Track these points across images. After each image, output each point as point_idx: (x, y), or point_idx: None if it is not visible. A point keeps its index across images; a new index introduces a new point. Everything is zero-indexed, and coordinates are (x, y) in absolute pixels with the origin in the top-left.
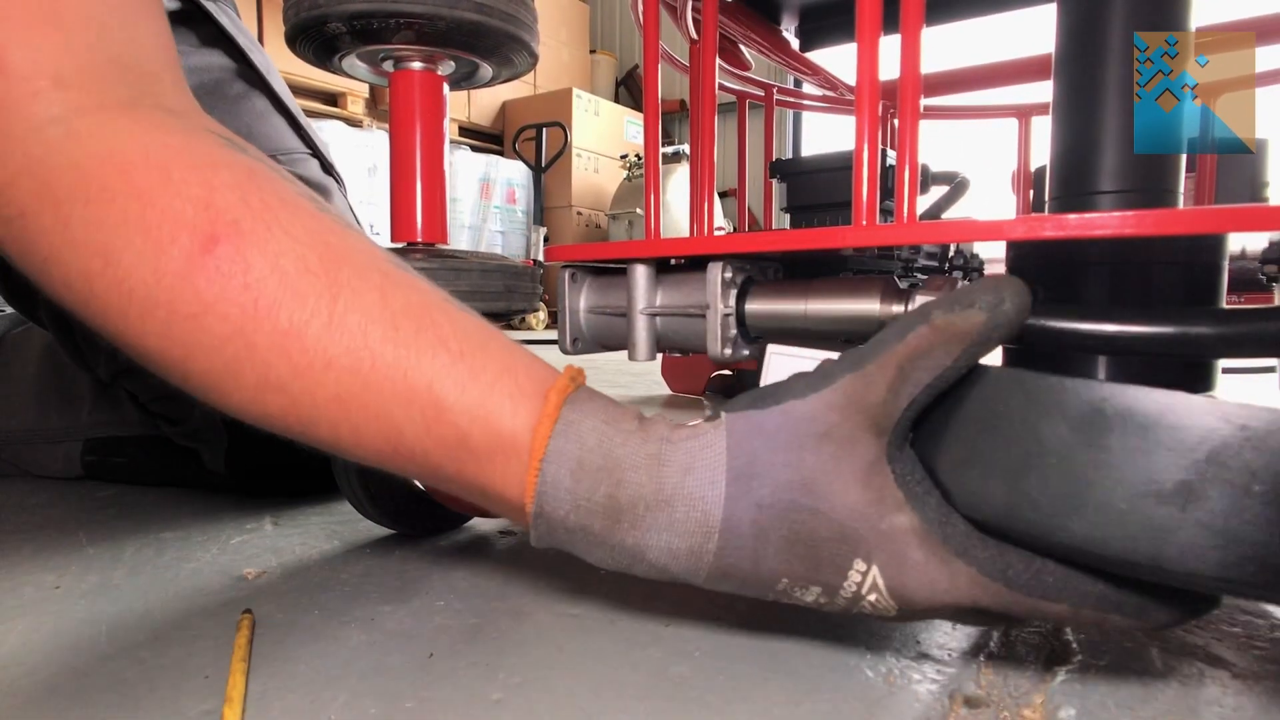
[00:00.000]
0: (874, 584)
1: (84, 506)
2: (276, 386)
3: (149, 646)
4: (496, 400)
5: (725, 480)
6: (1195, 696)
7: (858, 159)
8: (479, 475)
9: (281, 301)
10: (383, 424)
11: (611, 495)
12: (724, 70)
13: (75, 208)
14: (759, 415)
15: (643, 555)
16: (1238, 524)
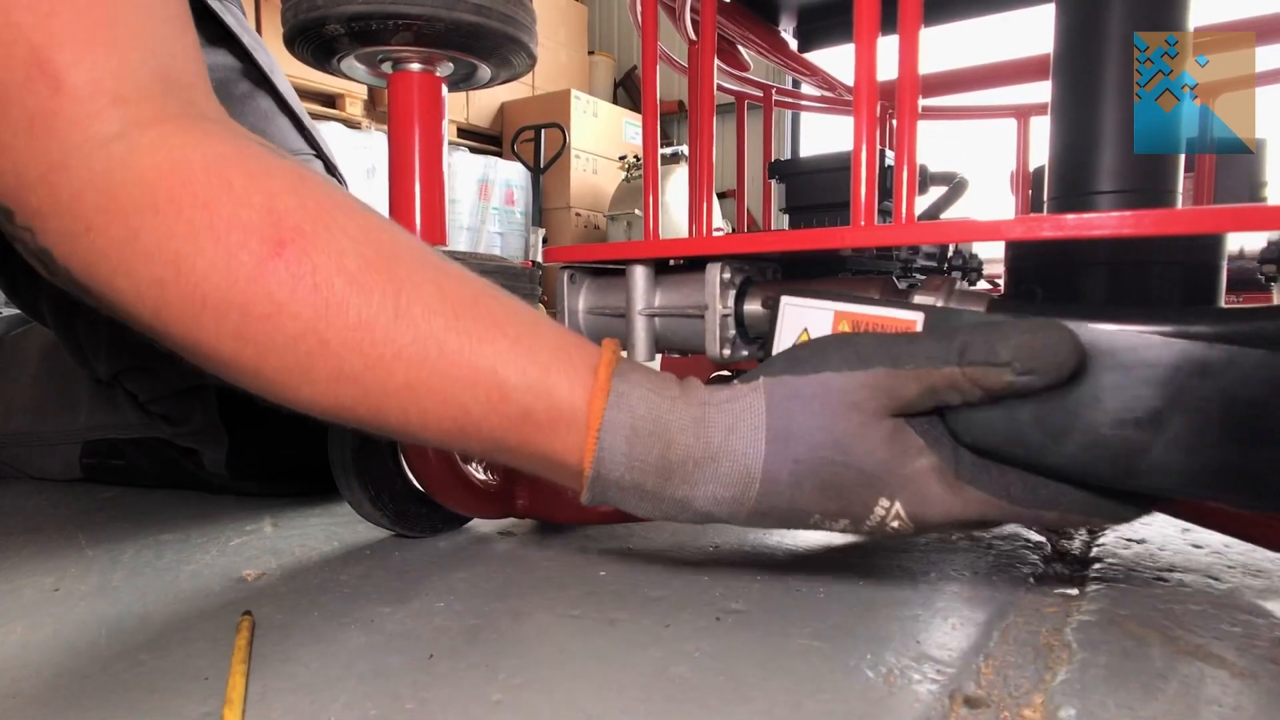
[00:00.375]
0: (897, 514)
1: (83, 508)
2: (350, 378)
3: (148, 648)
4: (554, 378)
5: (765, 439)
6: (1195, 696)
7: (856, 160)
8: (540, 446)
9: (349, 298)
10: (450, 406)
11: (663, 456)
12: (722, 71)
13: (145, 219)
14: (796, 381)
15: (690, 504)
16: (1198, 442)
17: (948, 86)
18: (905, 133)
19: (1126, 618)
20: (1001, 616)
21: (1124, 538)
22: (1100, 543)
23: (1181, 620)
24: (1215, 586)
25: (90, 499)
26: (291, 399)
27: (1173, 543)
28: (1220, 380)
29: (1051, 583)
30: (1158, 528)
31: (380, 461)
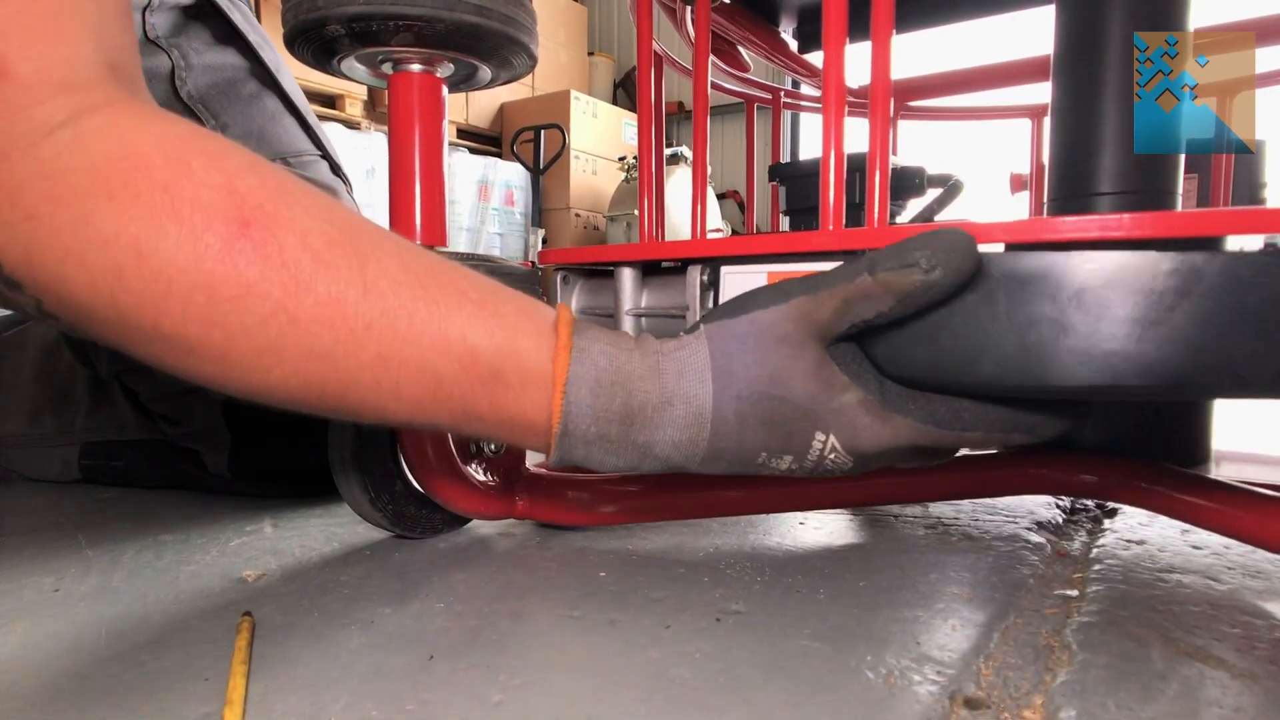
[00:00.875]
0: (833, 447)
1: (83, 509)
2: (321, 355)
3: (149, 649)
4: (520, 340)
5: (711, 379)
6: (1195, 697)
7: (825, 164)
8: (510, 408)
9: (318, 274)
10: (423, 375)
11: (625, 403)
12: (726, 73)
13: (97, 204)
14: (731, 323)
15: (650, 449)
16: (1096, 345)
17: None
18: (877, 136)
19: (1126, 619)
20: (1001, 617)
21: (1124, 539)
22: (1100, 544)
23: (1181, 621)
24: (1215, 588)
25: (90, 500)
26: (258, 383)
27: (1172, 544)
28: (1116, 286)
29: (1051, 584)
30: (1157, 529)
31: (380, 463)
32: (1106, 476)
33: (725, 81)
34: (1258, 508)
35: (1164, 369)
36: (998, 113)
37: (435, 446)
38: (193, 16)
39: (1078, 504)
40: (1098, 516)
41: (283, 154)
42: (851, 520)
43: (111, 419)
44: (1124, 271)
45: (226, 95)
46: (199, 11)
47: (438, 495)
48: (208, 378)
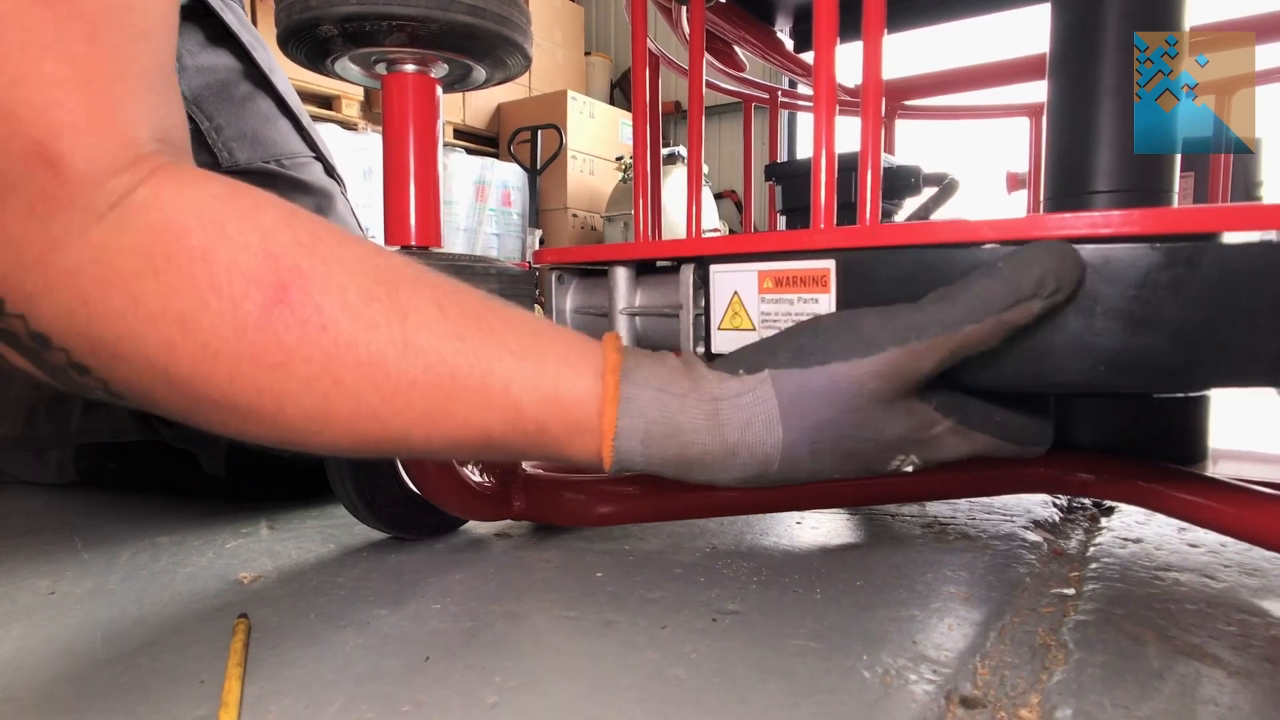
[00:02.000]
0: (910, 463)
1: (79, 511)
2: (368, 415)
3: (144, 651)
4: (564, 390)
5: (782, 427)
6: (1191, 695)
7: (815, 163)
8: (561, 453)
9: (358, 335)
10: (471, 429)
11: (680, 455)
12: (722, 72)
13: (145, 283)
14: (803, 375)
15: (714, 483)
16: (1089, 338)
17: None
18: (869, 135)
19: (1123, 617)
20: (998, 616)
21: (1120, 537)
22: (1097, 542)
23: (1178, 619)
24: (1211, 585)
25: (86, 502)
26: (316, 444)
27: (1169, 542)
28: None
29: (1048, 582)
30: (1154, 528)
31: (376, 465)
32: (1103, 475)
33: (721, 81)
34: (1254, 505)
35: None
36: (996, 111)
37: None
38: (185, 17)
39: (1075, 502)
40: (1095, 515)
41: (276, 156)
42: (848, 520)
43: (106, 422)
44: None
45: (219, 96)
46: (191, 12)
47: (434, 497)
48: (271, 440)
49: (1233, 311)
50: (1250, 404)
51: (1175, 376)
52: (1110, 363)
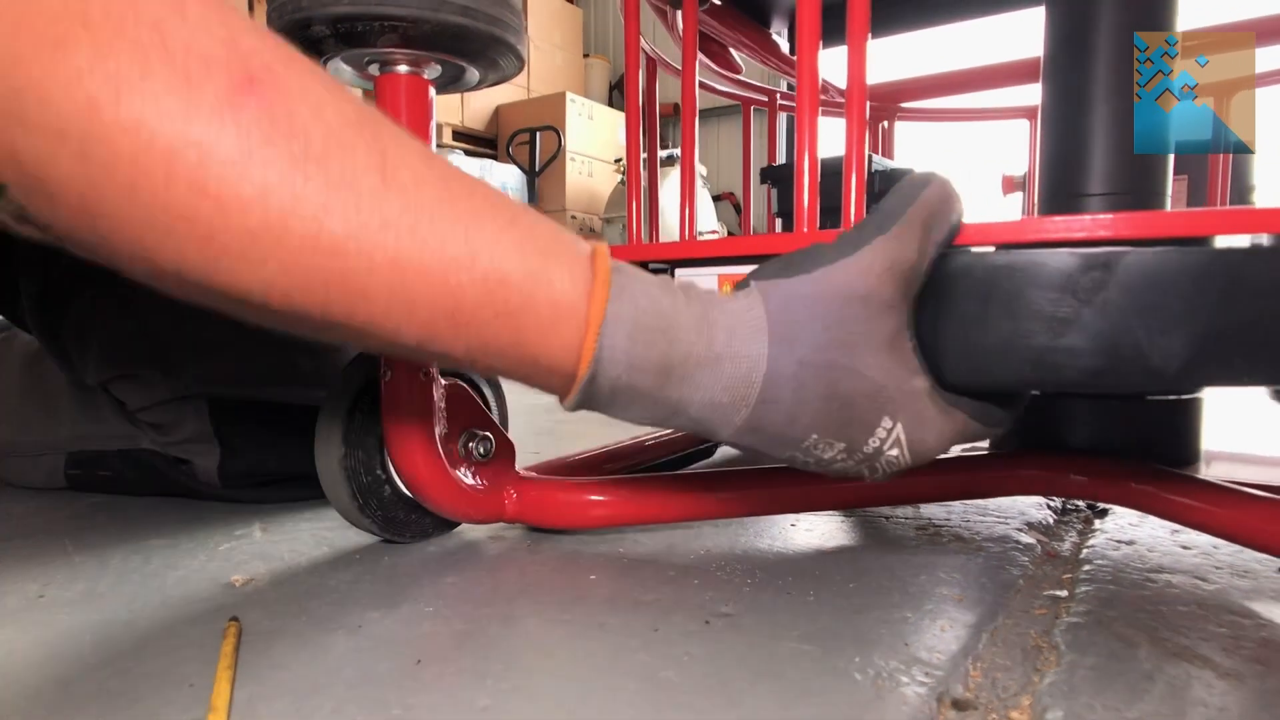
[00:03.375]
0: (897, 439)
1: (70, 514)
2: (327, 249)
3: (134, 655)
4: (553, 268)
5: (768, 340)
6: (1181, 697)
7: (799, 165)
8: (533, 344)
9: (331, 152)
10: (441, 292)
11: (665, 354)
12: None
13: (72, 28)
14: (791, 283)
15: (684, 408)
16: (1090, 339)
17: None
18: (853, 138)
19: (1114, 619)
20: (991, 618)
21: (1114, 539)
22: (1090, 544)
23: (1169, 621)
24: (1203, 587)
25: (78, 505)
26: (250, 281)
27: (1162, 544)
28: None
29: (1041, 584)
30: (1147, 530)
31: (368, 468)
32: (1097, 477)
33: (718, 83)
34: (1246, 507)
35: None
36: (994, 114)
37: (423, 450)
38: None
39: (1069, 505)
40: (1089, 517)
41: None
42: (843, 522)
43: (97, 428)
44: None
45: None
46: None
47: (426, 499)
48: (189, 271)
49: (1147, 315)
50: (1243, 407)
51: (1100, 378)
52: (1036, 363)
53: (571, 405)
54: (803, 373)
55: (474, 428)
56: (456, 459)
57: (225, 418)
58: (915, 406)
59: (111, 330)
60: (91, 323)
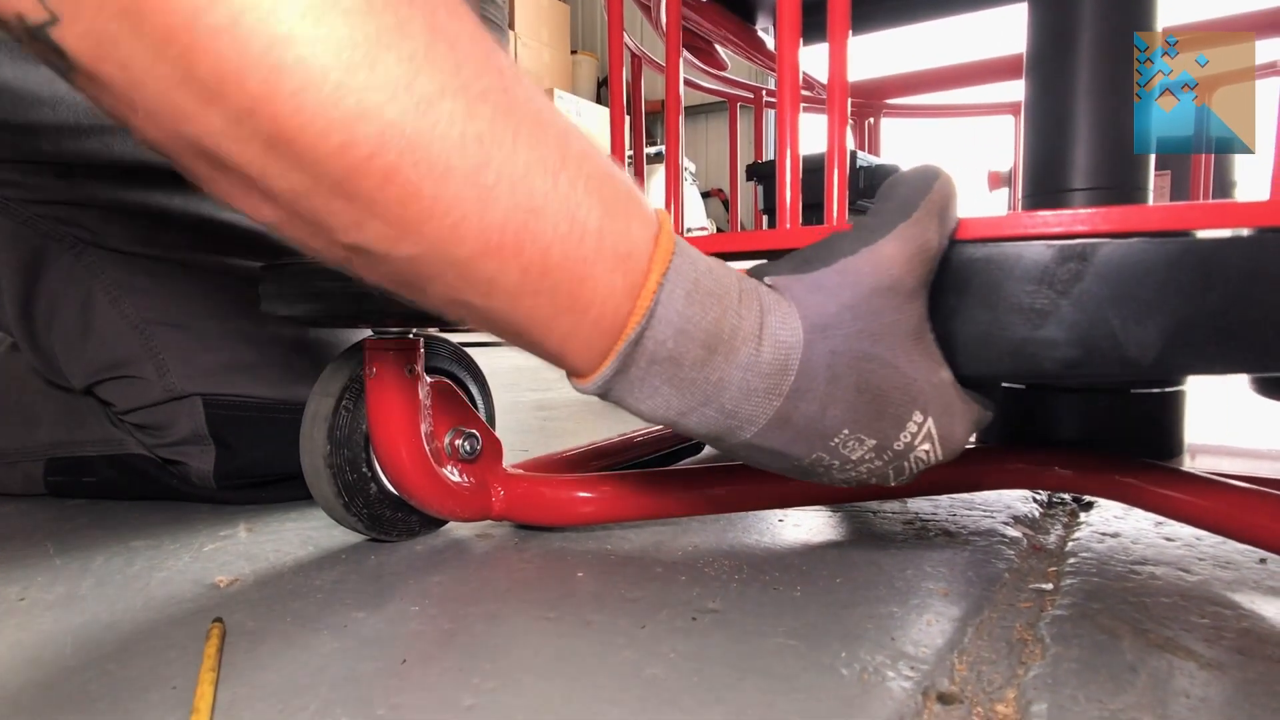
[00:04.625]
0: (929, 434)
1: (52, 516)
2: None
3: (115, 658)
4: (632, 204)
5: (803, 329)
6: (1164, 688)
7: (780, 162)
8: (597, 281)
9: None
10: (527, 190)
11: (717, 323)
12: (704, 71)
13: None
14: (813, 276)
15: (719, 393)
16: (1067, 330)
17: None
18: (835, 135)
19: (1099, 611)
20: (977, 612)
21: (1099, 532)
22: (1075, 537)
23: (1152, 613)
24: (1185, 579)
25: (60, 506)
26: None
27: (1146, 536)
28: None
29: (1027, 578)
30: (1132, 522)
31: (354, 465)
32: (1082, 470)
33: (703, 80)
34: (1228, 499)
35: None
36: (979, 110)
37: (410, 448)
38: None
39: (1054, 498)
40: (1074, 510)
41: None
42: (830, 517)
43: (79, 434)
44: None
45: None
46: None
47: (413, 497)
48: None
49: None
50: (1226, 400)
51: (1078, 368)
52: (1015, 354)
53: (601, 378)
54: (836, 363)
55: (460, 425)
56: (443, 457)
57: (220, 417)
58: (944, 399)
59: (101, 328)
60: (79, 322)
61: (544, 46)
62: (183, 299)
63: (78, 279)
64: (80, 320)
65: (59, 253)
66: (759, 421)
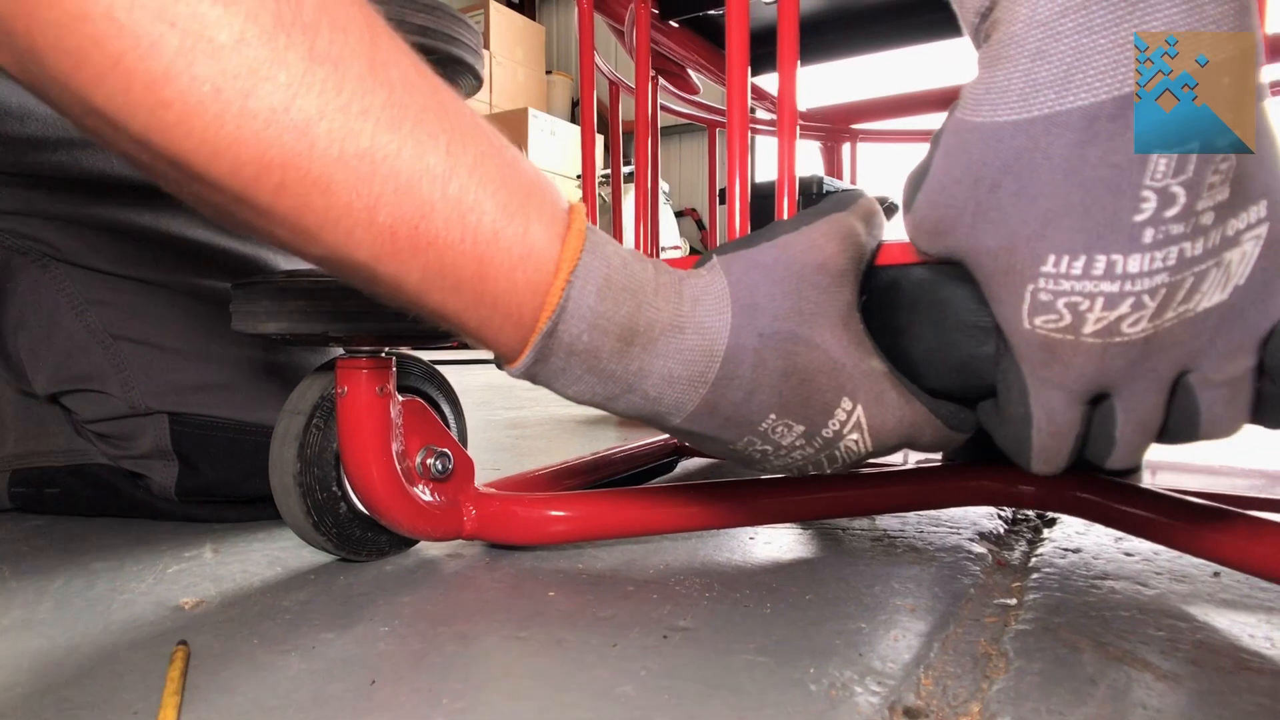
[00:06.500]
0: (857, 423)
1: (9, 537)
2: (295, 126)
3: (74, 683)
4: (532, 208)
5: (731, 310)
6: (1123, 700)
7: (730, 187)
8: (499, 278)
9: (321, 23)
10: (409, 201)
11: (631, 316)
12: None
13: None
14: (751, 252)
15: (640, 381)
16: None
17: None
18: (785, 157)
19: (1061, 626)
20: (942, 627)
21: (1061, 548)
22: (1039, 553)
23: (1111, 626)
24: (1143, 593)
25: (17, 527)
26: (198, 145)
27: (1106, 551)
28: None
29: (991, 593)
30: (1093, 537)
31: (324, 484)
32: (1044, 487)
33: (675, 104)
34: (1184, 515)
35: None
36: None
37: (380, 467)
38: None
39: (1019, 515)
40: (1038, 526)
41: None
42: (800, 534)
43: (43, 444)
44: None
45: None
46: None
47: (383, 517)
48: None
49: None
50: None
51: (918, 381)
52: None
53: (521, 368)
54: (762, 346)
55: (432, 444)
56: (414, 476)
57: (185, 434)
58: (875, 388)
59: (66, 340)
60: (45, 331)
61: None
62: (151, 316)
63: (44, 289)
64: (46, 330)
65: (25, 265)
66: (686, 408)
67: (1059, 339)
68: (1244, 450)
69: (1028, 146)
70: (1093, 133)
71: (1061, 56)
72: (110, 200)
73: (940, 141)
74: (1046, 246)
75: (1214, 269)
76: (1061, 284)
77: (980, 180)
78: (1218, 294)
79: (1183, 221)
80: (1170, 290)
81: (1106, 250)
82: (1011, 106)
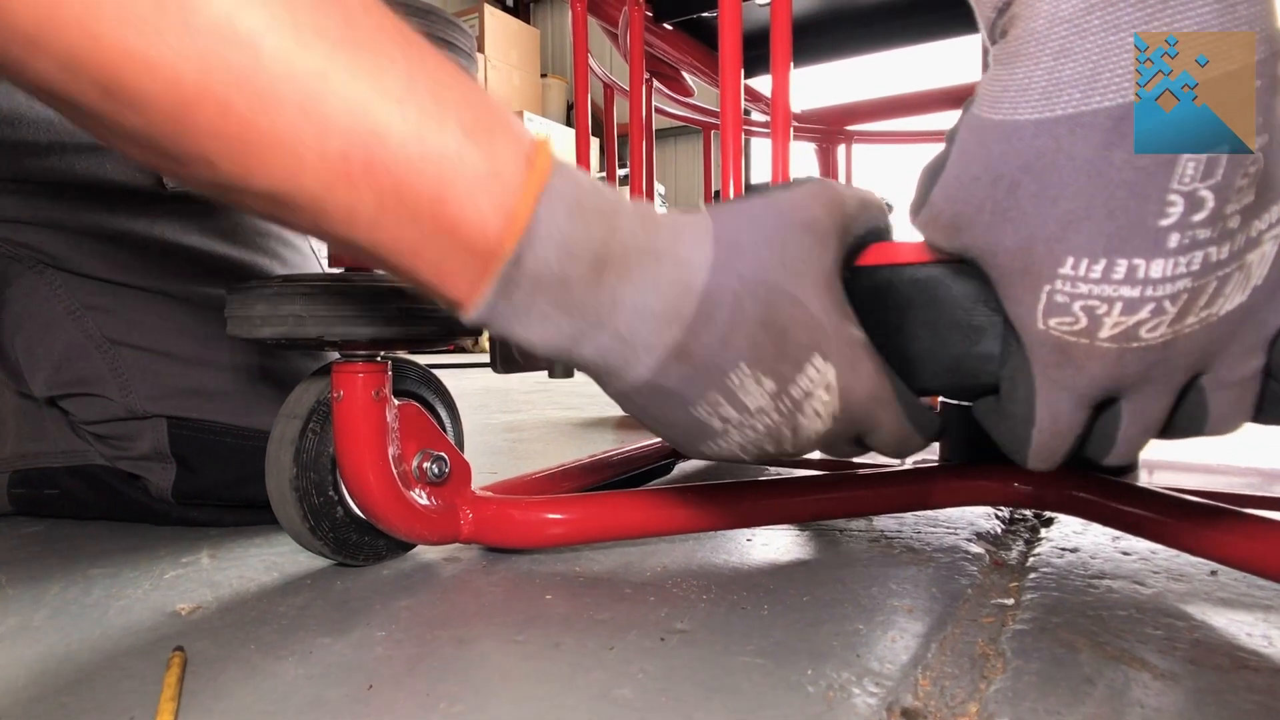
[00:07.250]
0: (829, 383)
1: (5, 544)
2: (238, 41)
3: (71, 690)
4: (497, 132)
5: (713, 249)
6: (1120, 699)
7: (725, 186)
8: (461, 203)
9: None
10: (362, 122)
11: (605, 241)
12: (670, 98)
13: None
14: (742, 203)
15: (611, 314)
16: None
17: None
18: (779, 158)
19: (1058, 625)
20: (940, 628)
21: (1058, 547)
22: (1036, 553)
23: (1109, 625)
24: (1141, 592)
25: (14, 534)
26: (139, 59)
27: (1104, 550)
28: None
29: (989, 593)
30: (1090, 537)
31: (320, 489)
32: (1041, 486)
33: (670, 106)
34: (1181, 514)
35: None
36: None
37: (377, 471)
38: None
39: (1016, 514)
40: (1035, 526)
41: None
42: (798, 536)
43: (42, 445)
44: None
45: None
46: None
47: (380, 521)
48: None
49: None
50: None
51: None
52: (954, 370)
53: (483, 303)
54: (742, 290)
55: (428, 448)
56: (411, 480)
57: (183, 437)
58: (850, 352)
59: (64, 345)
60: (43, 335)
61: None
62: (147, 322)
63: (41, 295)
64: (43, 334)
65: (21, 271)
66: (656, 351)
67: (1073, 342)
68: (1241, 448)
69: (1050, 147)
70: (1119, 134)
71: (1087, 54)
72: (105, 206)
73: (956, 138)
74: (1065, 248)
75: (1236, 271)
76: (1079, 286)
77: (999, 179)
78: (1239, 296)
79: (1210, 226)
80: (1193, 295)
81: (1128, 254)
82: (1033, 105)
